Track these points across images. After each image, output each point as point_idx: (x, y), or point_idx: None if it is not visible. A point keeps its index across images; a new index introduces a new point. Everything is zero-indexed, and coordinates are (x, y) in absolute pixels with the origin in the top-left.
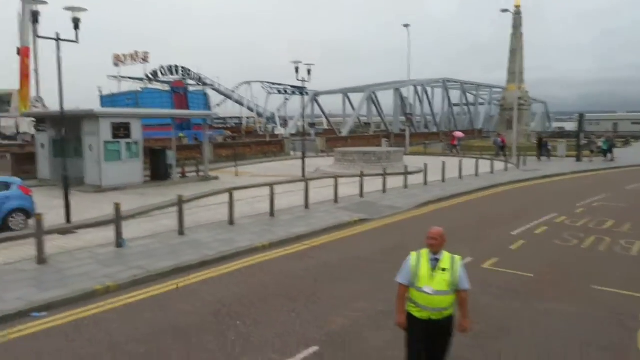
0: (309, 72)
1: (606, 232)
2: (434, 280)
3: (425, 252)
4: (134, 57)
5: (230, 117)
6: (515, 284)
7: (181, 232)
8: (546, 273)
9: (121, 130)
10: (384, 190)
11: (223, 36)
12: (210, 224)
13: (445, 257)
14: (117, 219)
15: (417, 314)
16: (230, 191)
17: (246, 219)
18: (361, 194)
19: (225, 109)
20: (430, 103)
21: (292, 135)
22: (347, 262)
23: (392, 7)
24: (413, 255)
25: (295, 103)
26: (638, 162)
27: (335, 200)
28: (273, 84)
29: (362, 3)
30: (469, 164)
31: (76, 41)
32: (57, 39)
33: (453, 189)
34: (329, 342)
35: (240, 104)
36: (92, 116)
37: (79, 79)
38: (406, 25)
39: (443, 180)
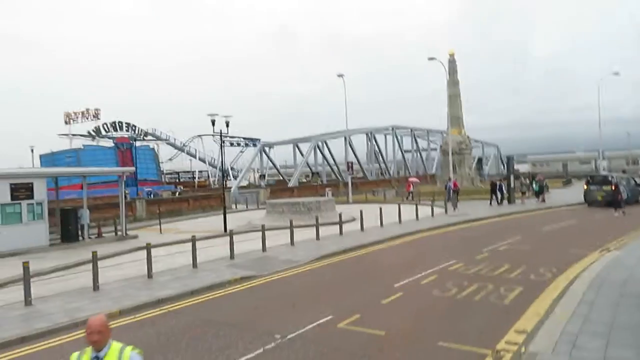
0: (227, 124)
1: (493, 279)
2: None
3: (88, 351)
4: (85, 114)
5: (184, 172)
6: (358, 345)
7: (28, 302)
8: (401, 330)
9: (22, 190)
10: (292, 243)
11: (189, 91)
12: (73, 290)
13: (112, 351)
14: None
15: None
16: (95, 259)
17: (118, 283)
18: (263, 248)
19: (182, 164)
20: (379, 150)
21: (242, 187)
22: (191, 330)
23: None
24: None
25: (250, 155)
26: (568, 202)
27: (231, 257)
28: (225, 136)
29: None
30: (399, 210)
31: None
32: None
33: (366, 239)
34: None
35: (193, 156)
36: None
37: (32, 141)
38: (340, 75)
39: (362, 229)
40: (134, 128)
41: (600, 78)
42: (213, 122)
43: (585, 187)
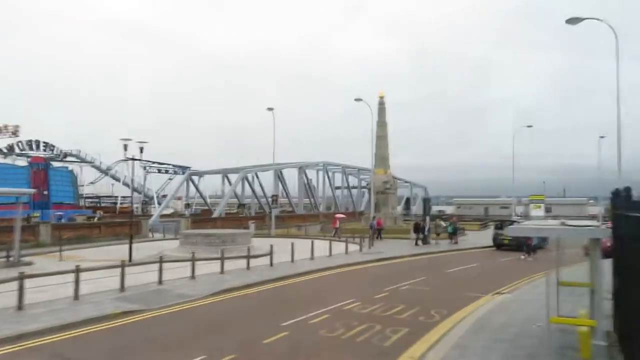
0: (141, 150)
1: (384, 319)
2: None
3: None
4: (3, 130)
5: (107, 196)
6: None
7: None
8: None
9: None
10: (193, 276)
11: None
12: None
13: None
14: None
15: None
16: None
17: None
18: (159, 281)
19: (108, 188)
20: (309, 185)
21: (166, 216)
22: None
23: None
24: None
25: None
26: (479, 245)
27: (122, 289)
28: (153, 162)
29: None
30: (316, 245)
31: None
32: None
33: (271, 274)
34: None
35: (117, 180)
36: None
37: None
38: (270, 109)
39: (271, 264)
40: (52, 148)
41: (515, 129)
42: (125, 147)
43: (494, 231)
